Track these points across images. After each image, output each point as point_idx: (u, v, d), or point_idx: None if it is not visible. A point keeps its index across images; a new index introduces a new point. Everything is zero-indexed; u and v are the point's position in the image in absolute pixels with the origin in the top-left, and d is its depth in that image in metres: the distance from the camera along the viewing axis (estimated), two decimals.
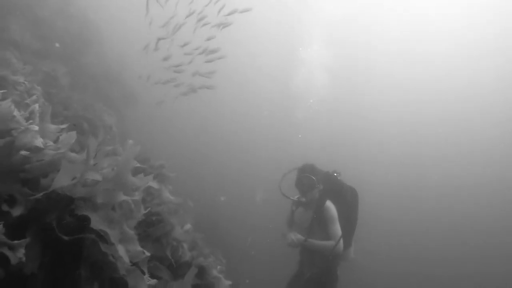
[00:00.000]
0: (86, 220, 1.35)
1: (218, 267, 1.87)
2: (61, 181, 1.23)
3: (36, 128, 1.29)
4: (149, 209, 1.78)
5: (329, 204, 3.50)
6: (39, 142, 1.39)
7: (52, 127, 1.52)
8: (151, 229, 1.65)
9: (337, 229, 3.41)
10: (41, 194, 1.16)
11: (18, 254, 1.03)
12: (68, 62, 5.74)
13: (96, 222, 1.31)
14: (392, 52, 18.62)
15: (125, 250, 1.31)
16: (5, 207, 1.08)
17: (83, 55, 6.34)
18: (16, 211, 1.08)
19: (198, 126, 11.55)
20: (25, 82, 2.80)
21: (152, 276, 1.54)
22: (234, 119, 12.72)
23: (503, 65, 17.09)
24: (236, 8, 5.07)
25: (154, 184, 1.64)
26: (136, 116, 7.45)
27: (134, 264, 1.40)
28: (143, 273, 1.33)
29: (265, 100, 14.78)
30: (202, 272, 1.83)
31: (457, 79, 17.89)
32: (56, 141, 1.48)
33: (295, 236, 3.47)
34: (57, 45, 5.66)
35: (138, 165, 1.68)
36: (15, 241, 1.04)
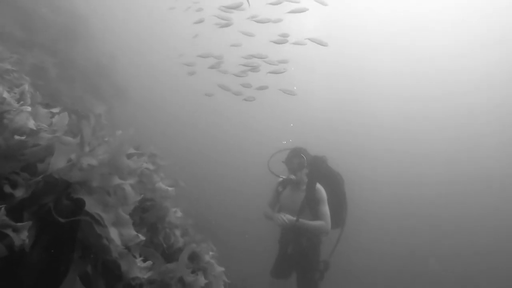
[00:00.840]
0: (82, 203, 1.37)
1: (211, 253, 1.91)
2: (57, 164, 1.25)
3: (29, 108, 1.30)
4: (142, 195, 1.81)
5: (319, 186, 3.63)
6: (32, 124, 1.40)
7: (44, 110, 1.53)
8: (146, 215, 1.68)
9: (327, 210, 3.54)
10: (41, 176, 1.18)
11: (22, 236, 1.05)
12: (56, 54, 5.65)
13: (91, 205, 1.33)
14: (387, 48, 18.55)
15: (118, 233, 1.34)
16: (7, 189, 1.09)
17: (71, 47, 6.24)
18: (18, 193, 1.10)
19: (190, 121, 11.52)
20: (13, 69, 2.77)
21: (146, 261, 1.57)
22: (226, 114, 12.71)
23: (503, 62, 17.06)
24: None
25: (149, 166, 1.67)
26: (127, 110, 7.38)
27: (128, 248, 1.43)
28: (135, 257, 1.36)
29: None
30: (194, 257, 1.87)
31: (457, 76, 17.81)
32: (49, 124, 1.49)
33: (285, 217, 3.53)
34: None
35: (133, 150, 1.70)
36: (19, 223, 1.06)
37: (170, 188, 2.38)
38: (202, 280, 1.41)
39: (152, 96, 10.69)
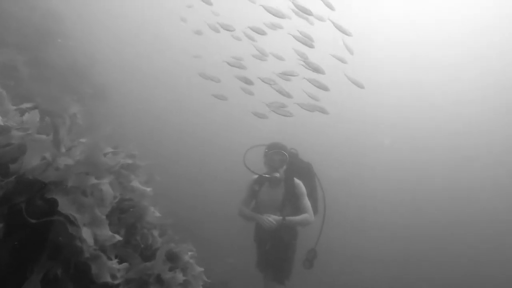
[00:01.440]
0: (55, 204, 1.34)
1: (190, 253, 1.91)
2: (30, 163, 1.22)
3: None
4: (120, 196, 1.79)
5: (298, 181, 3.68)
6: (0, 120, 1.37)
7: (13, 107, 1.49)
8: (124, 215, 1.67)
9: (308, 202, 3.63)
10: (13, 177, 1.15)
11: None
12: (28, 53, 5.45)
13: (64, 206, 1.30)
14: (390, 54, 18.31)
15: (92, 234, 1.31)
16: None
17: (45, 47, 6.04)
18: None
19: (172, 121, 11.38)
20: None
21: (123, 261, 1.55)
22: (208, 116, 12.64)
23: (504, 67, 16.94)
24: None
25: (128, 161, 1.66)
26: (105, 110, 7.21)
27: (103, 248, 1.41)
28: (111, 258, 1.34)
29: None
30: (173, 257, 1.87)
31: (460, 81, 17.60)
32: (20, 122, 1.46)
33: (271, 218, 3.52)
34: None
35: (110, 149, 1.69)
36: None
37: (148, 189, 2.36)
38: (180, 277, 1.41)
39: (132, 96, 10.52)
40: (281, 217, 3.53)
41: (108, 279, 1.25)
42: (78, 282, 1.29)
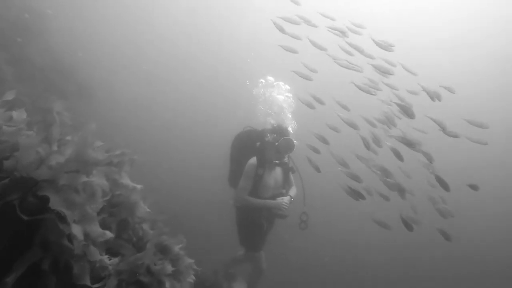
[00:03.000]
0: (47, 201, 1.38)
1: (180, 245, 1.97)
2: (25, 159, 1.27)
3: None
4: (111, 192, 1.84)
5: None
6: None
7: None
8: (115, 209, 1.72)
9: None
10: (8, 174, 1.19)
11: None
12: (8, 50, 5.34)
13: (56, 203, 1.34)
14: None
15: (81, 230, 1.34)
16: None
17: (27, 45, 5.92)
18: None
19: (159, 118, 11.31)
20: None
21: (117, 253, 1.60)
22: (195, 117, 12.59)
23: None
24: None
25: (117, 157, 1.71)
26: (91, 107, 7.13)
27: (95, 244, 1.45)
28: (101, 254, 1.39)
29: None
30: (164, 249, 1.93)
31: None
32: (9, 119, 1.49)
33: (284, 200, 3.84)
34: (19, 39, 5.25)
35: (100, 143, 1.74)
36: None
37: (138, 186, 2.41)
38: (169, 268, 1.47)
39: (119, 94, 10.41)
40: (288, 196, 3.88)
41: (87, 282, 1.28)
42: (62, 278, 1.30)
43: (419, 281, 8.89)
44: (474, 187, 4.21)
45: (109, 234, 1.40)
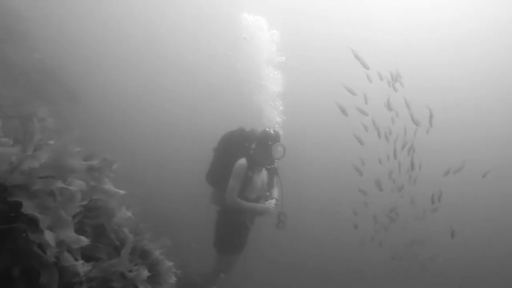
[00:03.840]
0: (19, 207, 1.36)
1: (160, 250, 1.98)
2: None
3: None
4: (89, 198, 1.83)
5: None
6: None
7: None
8: (92, 213, 1.71)
9: None
10: None
11: None
12: None
13: (28, 208, 1.32)
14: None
15: (53, 237, 1.31)
16: None
17: (8, 48, 5.80)
18: None
19: (145, 122, 11.21)
20: None
21: (92, 257, 1.58)
22: (187, 118, 12.50)
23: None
24: None
25: (96, 163, 1.70)
26: (77, 112, 7.03)
27: (70, 250, 1.44)
28: (77, 259, 1.38)
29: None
30: (145, 254, 1.93)
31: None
32: None
33: (271, 203, 3.93)
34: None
35: (78, 149, 1.73)
36: None
37: (121, 191, 2.40)
38: (144, 274, 1.47)
39: (105, 98, 10.29)
40: (274, 199, 3.96)
41: None
42: (34, 286, 1.27)
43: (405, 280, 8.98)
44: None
45: (84, 240, 1.39)
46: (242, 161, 3.86)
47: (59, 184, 1.46)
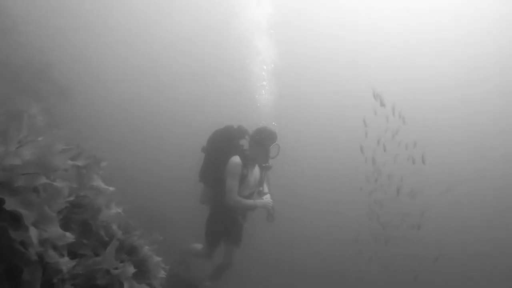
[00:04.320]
0: (2, 203, 1.34)
1: (150, 246, 1.97)
2: None
3: None
4: (75, 194, 1.81)
5: None
6: None
7: None
8: (79, 210, 1.69)
9: None
10: None
11: None
12: None
13: (11, 204, 1.31)
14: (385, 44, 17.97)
15: (37, 234, 1.29)
16: None
17: None
18: None
19: (137, 120, 11.12)
20: None
21: (78, 255, 1.56)
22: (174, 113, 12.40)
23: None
24: None
25: (83, 160, 1.68)
26: (68, 109, 6.93)
27: (55, 247, 1.42)
28: (63, 255, 1.36)
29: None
30: (133, 250, 1.92)
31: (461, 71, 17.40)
32: None
33: (268, 199, 3.97)
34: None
35: (65, 146, 1.70)
36: None
37: (110, 188, 2.38)
38: (130, 270, 1.46)
39: (97, 96, 10.17)
40: (269, 194, 4.04)
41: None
42: (17, 284, 1.26)
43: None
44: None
45: (69, 236, 1.38)
46: (236, 159, 3.83)
47: (43, 180, 1.44)
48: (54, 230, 1.34)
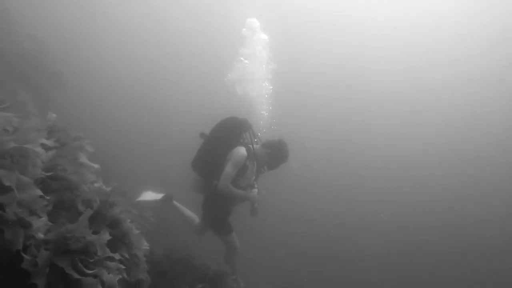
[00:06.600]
0: None
1: (131, 220, 1.98)
2: None
3: None
4: (56, 167, 1.81)
5: None
6: None
7: None
8: (57, 182, 1.69)
9: None
10: None
11: None
12: None
13: None
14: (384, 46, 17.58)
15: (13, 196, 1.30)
16: None
17: None
18: None
19: (131, 109, 11.06)
20: None
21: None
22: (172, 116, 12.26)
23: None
24: None
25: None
26: (63, 97, 6.90)
27: (32, 211, 1.43)
28: (40, 216, 1.37)
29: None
30: (116, 223, 1.93)
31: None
32: None
33: (256, 192, 4.02)
34: None
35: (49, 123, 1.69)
36: None
37: (95, 165, 2.38)
38: (105, 237, 1.46)
39: (93, 85, 10.13)
40: (257, 189, 4.08)
41: (20, 246, 1.25)
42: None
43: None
44: None
45: (44, 200, 1.38)
46: (243, 150, 3.85)
47: (12, 144, 1.43)
48: (31, 193, 1.35)
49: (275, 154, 3.95)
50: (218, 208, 4.07)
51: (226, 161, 3.85)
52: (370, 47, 17.78)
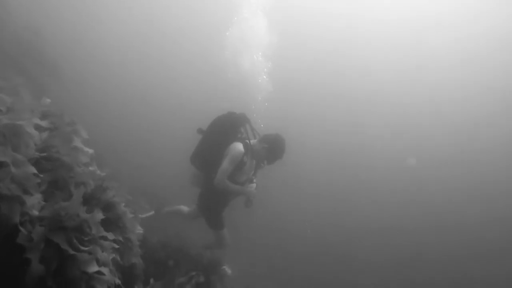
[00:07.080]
0: None
1: (124, 203, 1.98)
2: None
3: None
4: (50, 149, 1.80)
5: None
6: None
7: None
8: (51, 163, 1.69)
9: None
10: None
11: None
12: None
13: None
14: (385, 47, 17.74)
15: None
16: None
17: None
18: None
19: (130, 103, 11.00)
20: None
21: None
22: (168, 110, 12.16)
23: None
24: None
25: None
26: (59, 89, 6.85)
27: (25, 190, 1.43)
28: (32, 194, 1.37)
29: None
30: (110, 207, 1.93)
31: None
32: None
33: (253, 187, 4.02)
34: None
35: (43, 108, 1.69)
36: None
37: (90, 150, 2.37)
38: (98, 216, 1.46)
39: (91, 75, 10.05)
40: (255, 184, 4.08)
41: (17, 220, 1.26)
42: None
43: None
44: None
45: (36, 177, 1.37)
46: (240, 146, 3.85)
47: (5, 120, 1.42)
48: (25, 169, 1.34)
49: (272, 148, 3.94)
50: (214, 201, 4.09)
51: (224, 156, 3.85)
52: (374, 47, 17.78)
